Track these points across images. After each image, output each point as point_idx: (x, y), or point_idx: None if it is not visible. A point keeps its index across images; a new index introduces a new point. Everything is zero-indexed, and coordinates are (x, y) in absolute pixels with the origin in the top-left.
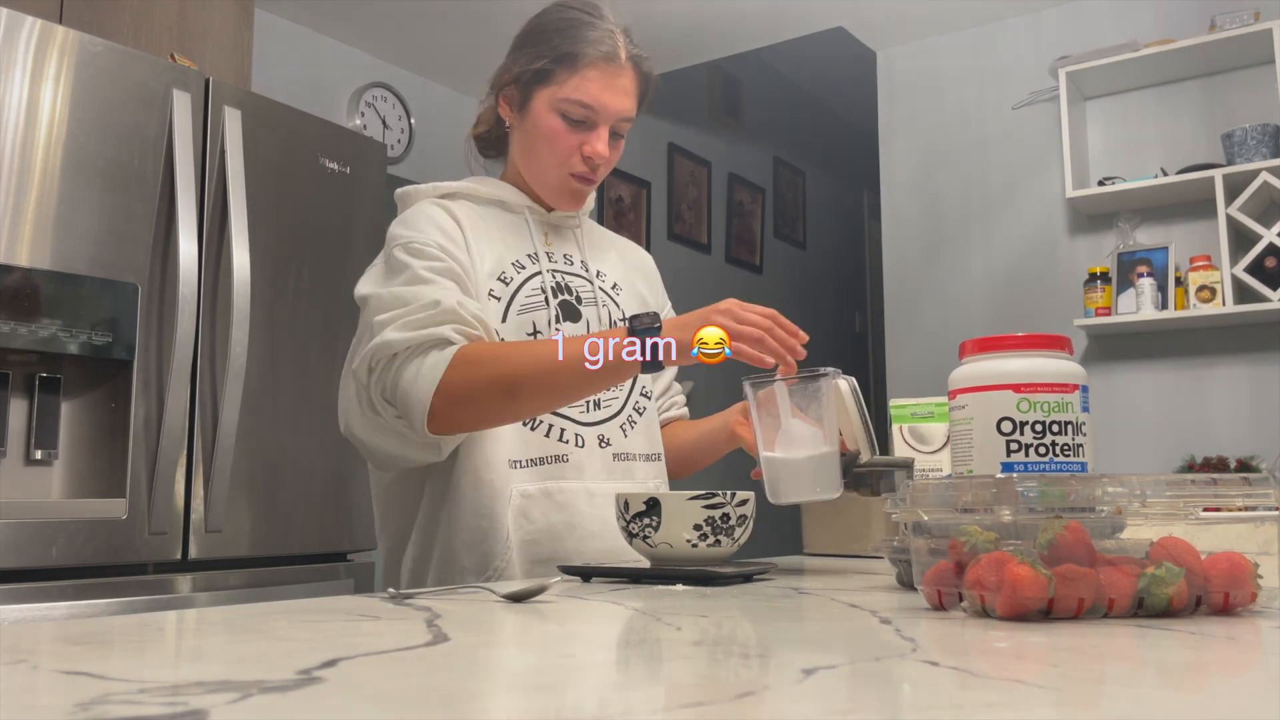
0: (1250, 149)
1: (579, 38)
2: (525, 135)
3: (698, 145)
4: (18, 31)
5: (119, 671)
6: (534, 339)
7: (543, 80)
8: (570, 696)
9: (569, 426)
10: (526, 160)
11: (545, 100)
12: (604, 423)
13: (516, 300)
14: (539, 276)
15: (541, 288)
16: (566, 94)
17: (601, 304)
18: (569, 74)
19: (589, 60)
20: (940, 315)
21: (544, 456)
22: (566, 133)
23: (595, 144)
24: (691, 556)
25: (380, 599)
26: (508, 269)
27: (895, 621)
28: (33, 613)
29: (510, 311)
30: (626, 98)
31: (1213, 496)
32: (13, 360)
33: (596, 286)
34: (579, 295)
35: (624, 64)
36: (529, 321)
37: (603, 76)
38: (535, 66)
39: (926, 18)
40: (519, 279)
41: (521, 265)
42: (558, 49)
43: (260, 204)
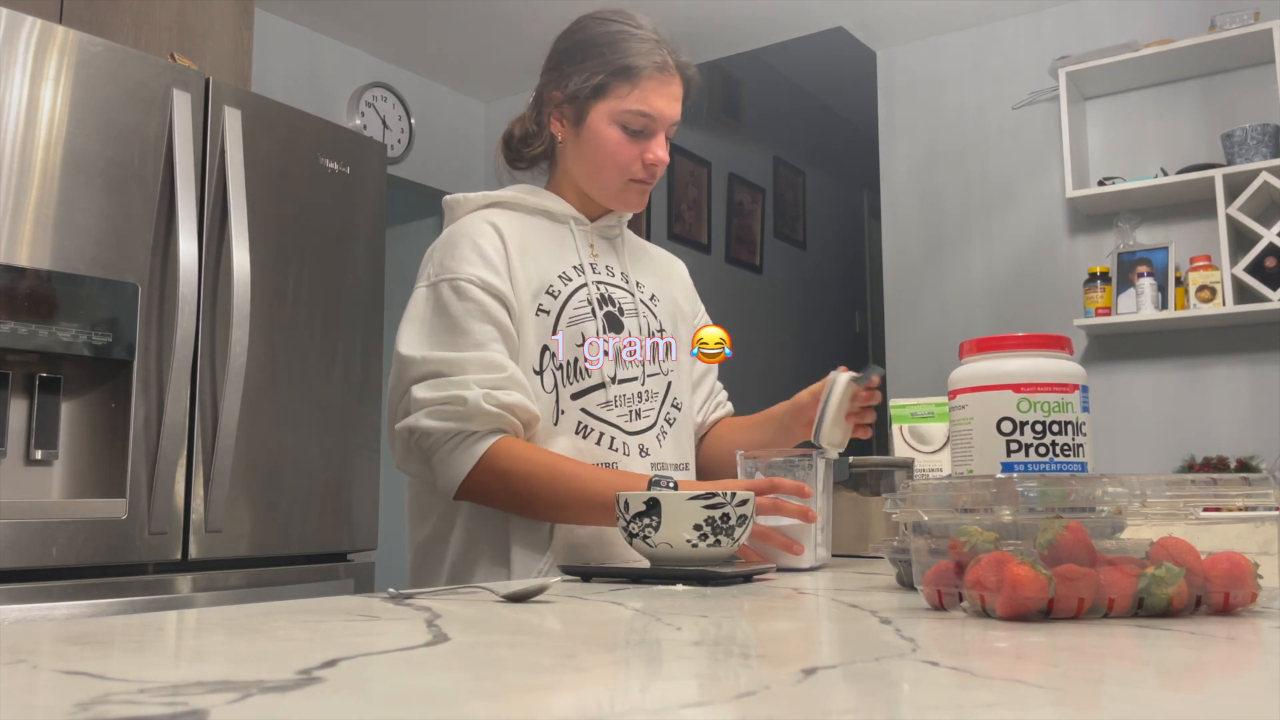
0: (1250, 149)
1: (631, 50)
2: (584, 149)
3: (698, 145)
4: (18, 31)
5: (119, 671)
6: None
7: (600, 95)
8: (570, 696)
9: (618, 435)
10: (587, 172)
11: (604, 114)
12: (644, 432)
13: (565, 313)
14: (585, 289)
15: (588, 299)
16: (627, 106)
17: (642, 315)
18: (627, 87)
19: (645, 72)
20: (940, 315)
21: (596, 463)
22: (628, 143)
23: (657, 150)
24: (691, 556)
25: (380, 599)
26: (555, 282)
27: (895, 621)
28: (33, 613)
29: (560, 324)
30: (677, 103)
31: (1213, 496)
32: (13, 360)
33: (637, 299)
34: (621, 306)
35: (674, 72)
36: (578, 333)
37: (659, 86)
38: (593, 82)
39: (926, 18)
40: (566, 291)
41: (568, 278)
42: (612, 63)
43: (260, 204)
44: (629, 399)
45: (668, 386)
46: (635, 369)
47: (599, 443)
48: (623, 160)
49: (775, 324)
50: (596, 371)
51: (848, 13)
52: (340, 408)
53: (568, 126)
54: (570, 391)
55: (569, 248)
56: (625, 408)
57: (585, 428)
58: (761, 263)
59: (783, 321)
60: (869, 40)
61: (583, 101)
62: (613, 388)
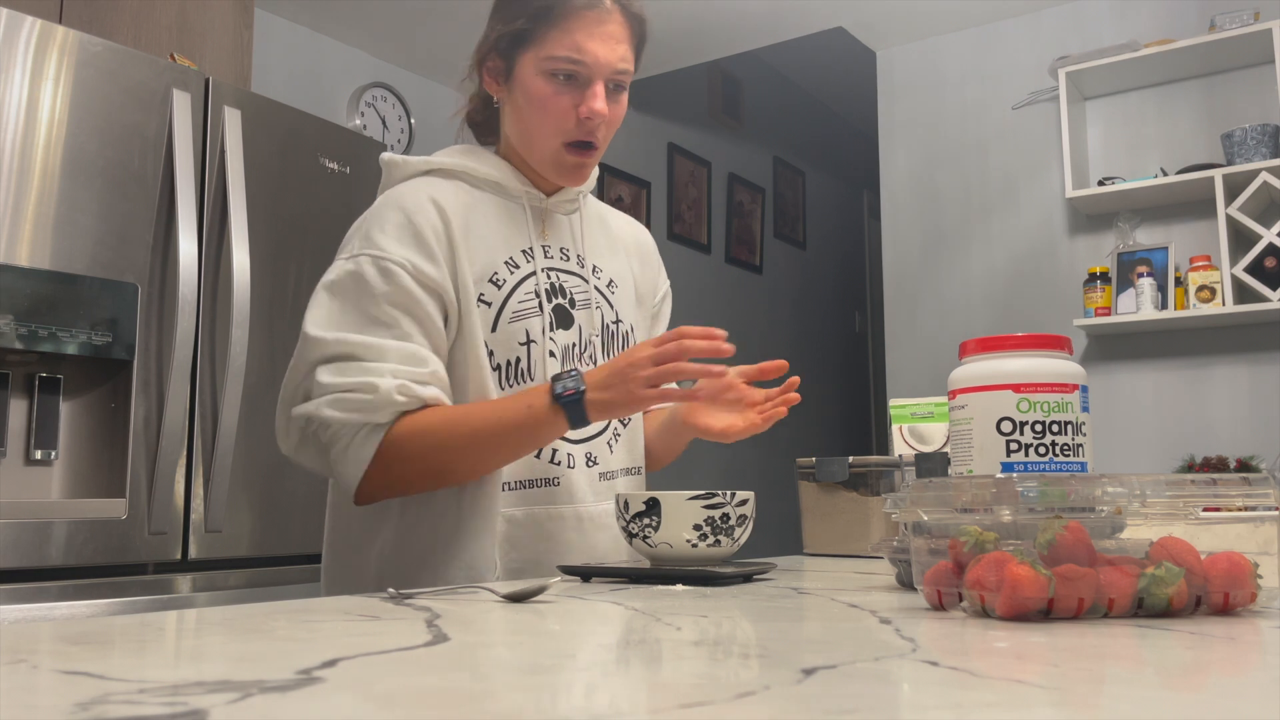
0: (1250, 149)
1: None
2: (515, 106)
3: (698, 145)
4: (18, 31)
5: (119, 671)
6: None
7: (524, 41)
8: (570, 696)
9: (561, 446)
10: (520, 133)
11: (530, 63)
12: (592, 439)
13: (508, 307)
14: (533, 278)
15: (535, 291)
16: (550, 50)
17: (595, 305)
18: (549, 28)
19: (569, 10)
20: (940, 315)
21: (534, 479)
22: (557, 94)
23: (591, 102)
24: (691, 556)
25: (380, 599)
26: (500, 269)
27: (895, 621)
28: (33, 613)
29: (501, 320)
30: (618, 44)
31: (1213, 496)
32: (13, 360)
33: (592, 286)
34: (573, 297)
35: (609, 8)
36: (521, 330)
37: (587, 25)
38: (514, 28)
39: (926, 18)
40: (511, 281)
41: (515, 264)
42: (534, 4)
43: (260, 204)
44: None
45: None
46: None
47: (538, 455)
48: (553, 114)
49: (775, 324)
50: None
51: (848, 13)
52: None
53: (500, 83)
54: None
55: (519, 228)
56: None
57: None
58: (761, 263)
59: (783, 321)
60: (869, 40)
61: (506, 51)
62: None
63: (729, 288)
